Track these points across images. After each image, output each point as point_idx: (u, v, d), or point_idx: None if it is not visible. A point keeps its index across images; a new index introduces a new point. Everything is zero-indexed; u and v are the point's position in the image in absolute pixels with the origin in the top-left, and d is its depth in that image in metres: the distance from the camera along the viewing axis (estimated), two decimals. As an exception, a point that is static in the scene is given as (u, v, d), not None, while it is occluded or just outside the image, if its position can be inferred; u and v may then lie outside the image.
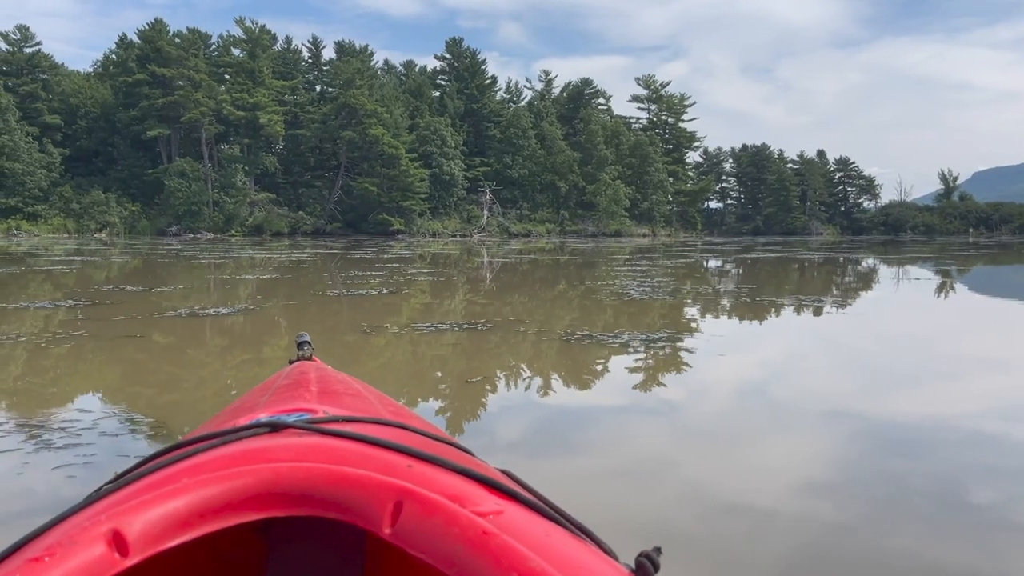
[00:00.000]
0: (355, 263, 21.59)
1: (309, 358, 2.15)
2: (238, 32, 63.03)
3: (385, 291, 11.86)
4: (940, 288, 14.84)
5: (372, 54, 71.51)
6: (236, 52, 63.49)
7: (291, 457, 0.94)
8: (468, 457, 1.20)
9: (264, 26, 64.13)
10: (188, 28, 61.74)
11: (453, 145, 64.69)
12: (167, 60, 57.05)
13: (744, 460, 3.58)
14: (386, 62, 77.49)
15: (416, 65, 76.73)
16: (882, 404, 4.79)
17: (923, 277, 17.65)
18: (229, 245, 37.88)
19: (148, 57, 57.36)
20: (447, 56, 75.98)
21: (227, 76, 62.21)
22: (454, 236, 60.62)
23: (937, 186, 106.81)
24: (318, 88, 70.54)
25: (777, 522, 2.80)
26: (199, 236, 52.49)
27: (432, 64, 77.32)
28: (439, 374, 5.90)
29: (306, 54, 70.94)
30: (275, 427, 1.06)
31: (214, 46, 64.73)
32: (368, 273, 16.37)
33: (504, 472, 1.13)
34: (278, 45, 68.15)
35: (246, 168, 59.00)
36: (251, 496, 0.90)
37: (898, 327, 9.16)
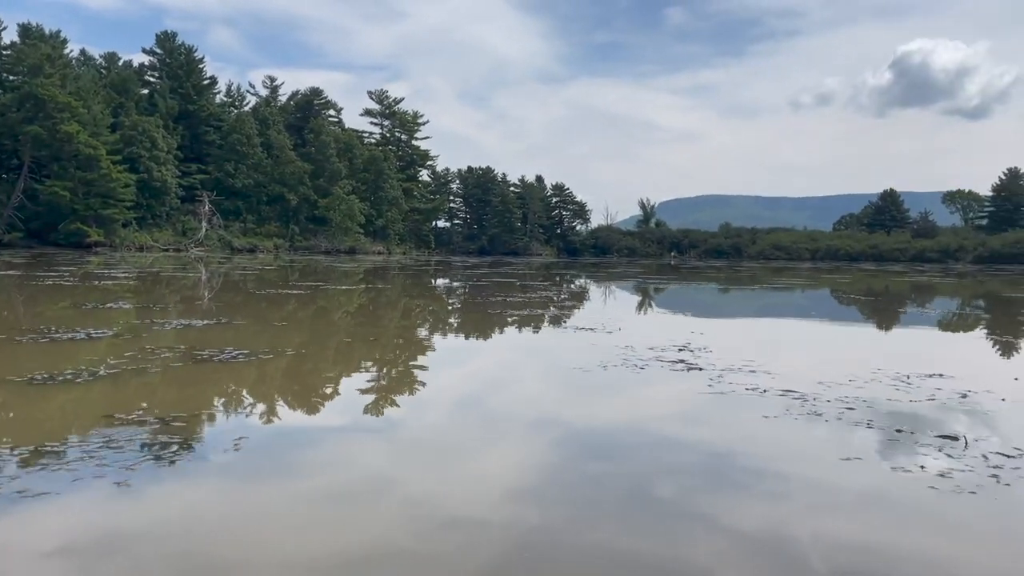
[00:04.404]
0: (41, 296, 13.86)
1: None
2: None
3: (146, 453, 4.16)
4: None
5: (66, 41, 62.05)
6: None
7: None
8: None
9: (-83, -9, 52.81)
10: None
11: (165, 148, 58.43)
12: None
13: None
14: (83, 52, 67.81)
15: (120, 59, 68.25)
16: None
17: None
18: None
19: None
20: (158, 51, 68.58)
21: None
22: (166, 250, 54.51)
23: (636, 212, 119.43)
24: (-6, 74, 59.61)
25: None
26: None
27: (140, 59, 69.33)
28: None
29: (-23, 32, 59.65)
30: None
31: None
32: (71, 335, 8.31)
33: None
34: (-62, 18, 56.54)
35: None
36: None
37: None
